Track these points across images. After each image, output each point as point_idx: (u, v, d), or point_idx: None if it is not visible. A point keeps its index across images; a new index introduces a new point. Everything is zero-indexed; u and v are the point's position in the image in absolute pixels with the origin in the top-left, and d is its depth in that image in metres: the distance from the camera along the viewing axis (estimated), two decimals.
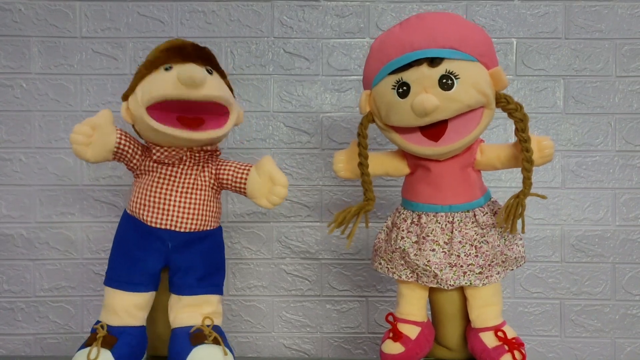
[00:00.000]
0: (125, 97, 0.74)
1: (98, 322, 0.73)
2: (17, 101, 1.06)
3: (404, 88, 0.69)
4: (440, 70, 0.67)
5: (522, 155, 0.69)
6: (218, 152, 0.79)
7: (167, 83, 0.68)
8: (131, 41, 1.07)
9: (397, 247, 0.76)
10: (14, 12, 1.06)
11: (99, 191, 1.07)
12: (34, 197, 1.07)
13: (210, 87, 0.70)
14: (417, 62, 0.68)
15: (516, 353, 0.71)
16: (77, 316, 1.07)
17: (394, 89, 0.70)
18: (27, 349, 1.07)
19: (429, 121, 0.69)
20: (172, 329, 0.75)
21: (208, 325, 0.73)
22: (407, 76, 0.69)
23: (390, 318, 0.79)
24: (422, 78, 0.68)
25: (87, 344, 0.70)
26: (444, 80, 0.67)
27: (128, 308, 0.72)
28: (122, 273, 0.74)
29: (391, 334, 0.76)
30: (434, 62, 0.68)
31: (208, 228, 0.77)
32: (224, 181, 0.78)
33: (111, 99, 1.06)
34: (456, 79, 0.67)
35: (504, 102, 0.71)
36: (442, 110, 0.67)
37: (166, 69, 0.71)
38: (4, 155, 1.06)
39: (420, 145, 0.71)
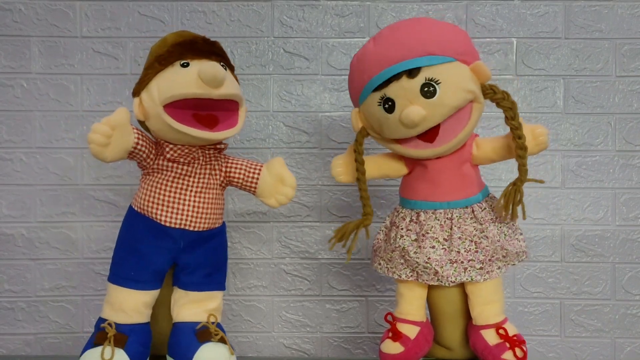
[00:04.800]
0: (136, 93, 0.73)
1: (101, 319, 0.72)
2: (18, 101, 1.07)
3: (390, 103, 0.70)
4: (420, 79, 0.68)
5: (515, 142, 0.70)
6: (225, 149, 0.79)
7: (188, 81, 0.68)
8: (132, 41, 1.07)
9: (397, 245, 0.76)
10: (14, 12, 1.06)
11: (100, 191, 1.07)
12: (34, 196, 1.07)
13: (229, 85, 0.70)
14: (395, 77, 0.68)
15: (517, 350, 0.71)
16: (77, 316, 1.08)
17: (380, 105, 0.70)
18: (28, 348, 1.08)
19: (420, 130, 0.69)
20: (174, 323, 0.75)
21: (213, 323, 0.73)
22: (390, 91, 0.69)
23: (389, 318, 0.79)
24: (404, 91, 0.68)
25: (96, 342, 0.69)
26: (426, 89, 0.68)
27: (137, 306, 0.72)
28: (130, 271, 0.72)
29: (390, 334, 0.76)
30: (412, 73, 0.68)
31: (216, 226, 0.77)
32: (234, 180, 0.79)
33: (112, 98, 1.07)
34: (437, 84, 0.68)
35: (490, 92, 0.71)
36: (430, 118, 0.68)
37: (183, 65, 0.70)
38: (4, 155, 1.07)
39: (418, 149, 0.72)
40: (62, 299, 1.08)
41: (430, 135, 0.70)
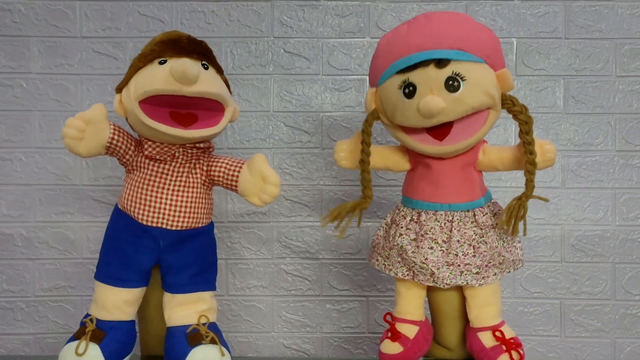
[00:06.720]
0: (119, 90, 0.73)
1: (87, 315, 0.73)
2: (17, 101, 1.06)
3: (410, 89, 0.69)
4: (447, 71, 0.67)
5: (526, 157, 0.69)
6: (211, 149, 0.77)
7: (159, 77, 0.67)
8: (131, 41, 1.07)
9: (395, 243, 0.76)
10: (14, 12, 1.06)
11: (99, 191, 1.07)
12: (33, 196, 1.07)
13: (204, 83, 0.69)
14: (423, 63, 0.68)
15: (514, 353, 0.71)
16: (76, 316, 1.07)
17: (400, 89, 0.70)
18: (27, 348, 1.07)
19: (434, 122, 0.68)
20: (167, 328, 0.75)
21: (204, 324, 0.73)
22: (414, 77, 0.68)
23: (389, 318, 0.79)
24: (429, 79, 0.67)
25: (76, 337, 0.69)
26: (450, 82, 0.67)
27: (118, 303, 0.72)
28: (113, 269, 0.73)
29: (389, 334, 0.76)
30: (440, 63, 0.67)
31: (200, 225, 0.76)
32: (216, 178, 0.77)
33: (111, 98, 1.04)
34: (462, 80, 0.67)
35: (509, 103, 0.70)
36: (447, 112, 0.67)
37: (160, 63, 0.70)
38: (4, 155, 1.06)
39: (425, 144, 0.71)
40: (61, 299, 1.07)
41: (441, 133, 0.70)
